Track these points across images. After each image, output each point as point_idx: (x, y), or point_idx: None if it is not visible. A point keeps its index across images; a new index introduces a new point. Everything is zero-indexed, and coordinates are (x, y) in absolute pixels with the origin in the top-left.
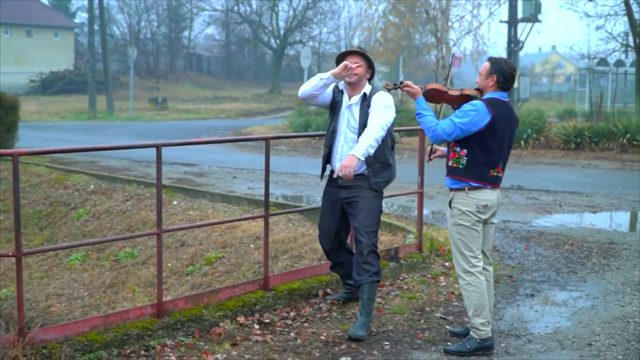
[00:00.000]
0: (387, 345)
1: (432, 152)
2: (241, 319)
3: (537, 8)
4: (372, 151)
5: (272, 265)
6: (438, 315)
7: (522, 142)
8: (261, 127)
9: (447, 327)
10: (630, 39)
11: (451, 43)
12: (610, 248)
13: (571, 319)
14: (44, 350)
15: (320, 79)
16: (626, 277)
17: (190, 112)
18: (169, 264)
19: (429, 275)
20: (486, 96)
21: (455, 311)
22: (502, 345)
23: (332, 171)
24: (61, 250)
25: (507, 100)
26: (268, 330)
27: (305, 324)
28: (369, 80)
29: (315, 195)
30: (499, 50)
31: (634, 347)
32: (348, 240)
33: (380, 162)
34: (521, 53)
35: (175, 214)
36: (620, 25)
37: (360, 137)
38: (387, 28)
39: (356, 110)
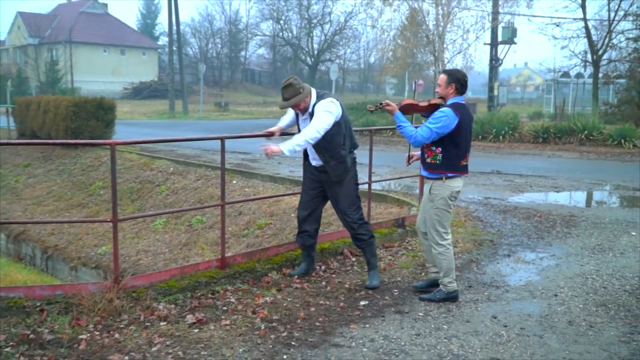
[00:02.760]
0: (395, 292)
1: (410, 157)
2: (285, 271)
3: (513, 33)
4: (298, 149)
5: None
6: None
7: (501, 137)
8: None
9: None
10: (589, 56)
11: (446, 60)
12: (571, 219)
13: (540, 274)
14: (133, 294)
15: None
16: (584, 242)
17: (245, 113)
18: (230, 228)
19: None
20: (450, 102)
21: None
22: (485, 293)
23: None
24: (148, 217)
25: (464, 102)
26: (305, 280)
27: (333, 275)
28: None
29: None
30: (483, 66)
31: (592, 298)
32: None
33: (335, 159)
34: (500, 68)
35: (234, 190)
36: (581, 45)
37: (294, 136)
38: (396, 49)
39: (308, 122)
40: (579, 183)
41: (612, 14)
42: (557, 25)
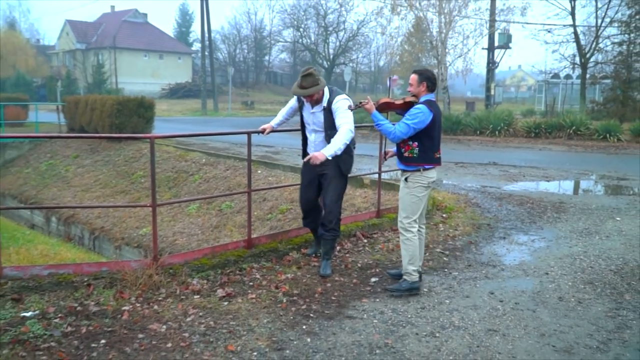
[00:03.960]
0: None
1: (386, 153)
2: (303, 251)
3: (509, 38)
4: (339, 152)
5: None
6: (438, 250)
7: (497, 132)
8: None
9: (388, 271)
10: (577, 59)
11: (448, 64)
12: (561, 206)
13: (532, 255)
14: (170, 270)
15: None
16: (572, 226)
17: (269, 111)
18: (255, 213)
19: (431, 223)
20: (422, 99)
21: (450, 247)
22: (483, 272)
23: (305, 151)
24: (183, 202)
25: (434, 99)
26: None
27: (347, 255)
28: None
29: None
30: (481, 68)
31: (580, 276)
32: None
33: (347, 154)
34: (496, 70)
35: (259, 179)
36: (570, 49)
37: (333, 139)
38: (403, 54)
39: (320, 116)
40: (567, 173)
41: (600, 21)
42: (549, 32)
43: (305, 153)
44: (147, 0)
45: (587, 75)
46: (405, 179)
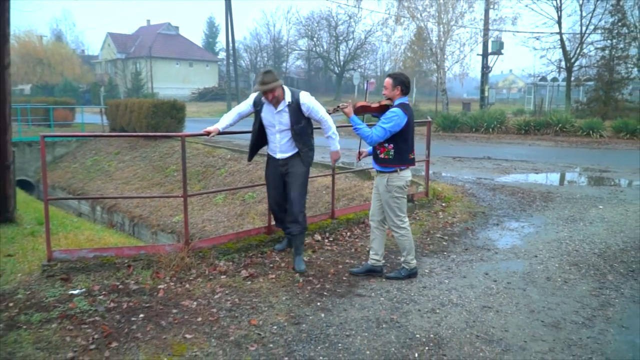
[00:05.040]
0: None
1: (360, 154)
2: (317, 237)
3: (501, 46)
4: (337, 139)
5: (336, 203)
6: (438, 235)
7: (490, 130)
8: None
9: (351, 269)
10: (563, 63)
11: (446, 68)
12: (548, 195)
13: (522, 239)
14: (200, 253)
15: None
16: (559, 214)
17: None
18: None
19: (432, 211)
20: (397, 102)
21: (449, 233)
22: (478, 255)
23: (268, 154)
24: (211, 193)
25: (408, 102)
26: (334, 243)
27: (357, 240)
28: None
29: (363, 162)
30: (476, 72)
31: (566, 259)
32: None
33: (307, 147)
34: (490, 74)
35: None
36: (557, 54)
37: (329, 134)
38: (406, 60)
39: (285, 114)
40: (554, 166)
41: (584, 29)
42: (537, 39)
43: (253, 154)
44: (179, 15)
45: (572, 78)
46: (386, 183)
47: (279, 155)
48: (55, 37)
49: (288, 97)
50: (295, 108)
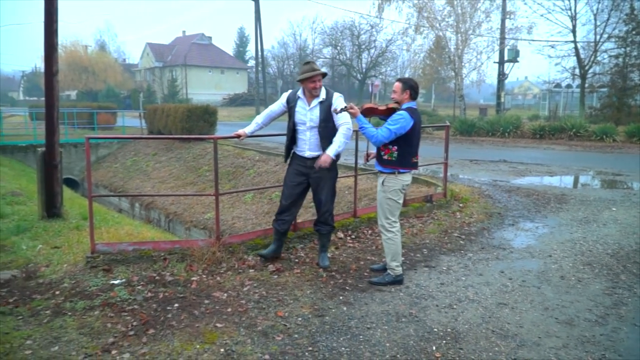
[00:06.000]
0: (425, 251)
1: (368, 155)
2: (340, 234)
3: (517, 54)
4: (340, 150)
5: (358, 203)
6: (455, 234)
7: (506, 134)
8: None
9: (371, 266)
10: (577, 71)
11: (463, 75)
12: (563, 197)
13: (537, 239)
14: (230, 248)
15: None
16: (573, 215)
17: None
18: None
19: (450, 211)
20: (405, 106)
21: (466, 232)
22: (494, 253)
23: (294, 153)
24: (240, 192)
25: (416, 107)
26: (356, 241)
27: (377, 238)
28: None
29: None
30: (492, 79)
31: (579, 258)
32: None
33: None
34: (506, 81)
35: None
36: (571, 62)
37: (335, 139)
38: (425, 67)
39: (317, 111)
40: (568, 169)
41: (598, 37)
42: (552, 47)
43: (289, 155)
44: (212, 25)
45: (586, 85)
46: (382, 183)
47: (307, 154)
48: (99, 47)
49: (323, 95)
50: (327, 107)
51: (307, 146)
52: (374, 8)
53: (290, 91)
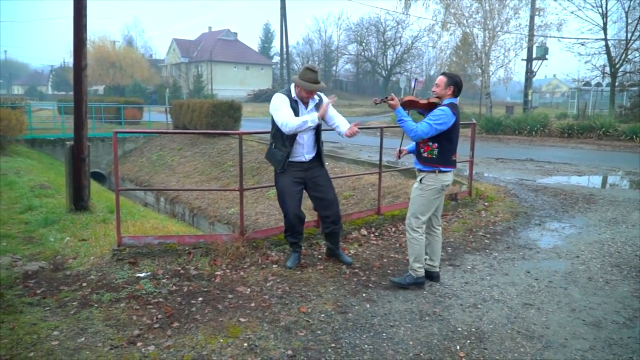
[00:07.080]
0: (449, 250)
1: (400, 152)
2: (364, 231)
3: (545, 51)
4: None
5: (382, 200)
6: (480, 233)
7: (534, 132)
8: (376, 122)
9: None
10: (607, 69)
11: (490, 73)
12: (591, 197)
13: (564, 240)
14: (253, 244)
15: (306, 122)
16: (601, 216)
17: None
18: None
19: (475, 210)
20: (446, 102)
21: (491, 232)
22: (520, 253)
23: (289, 163)
24: (264, 188)
25: (457, 103)
26: (380, 238)
27: (401, 235)
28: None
29: (404, 160)
30: (520, 77)
31: (607, 260)
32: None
33: (321, 144)
34: (534, 79)
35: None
36: (601, 60)
37: (343, 121)
38: (451, 64)
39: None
40: (597, 169)
41: (629, 35)
42: (582, 45)
43: (289, 162)
44: (238, 21)
45: (616, 83)
46: (420, 180)
47: (306, 157)
48: (127, 42)
49: (317, 99)
50: (319, 106)
51: (305, 150)
52: (401, 4)
53: (284, 96)
